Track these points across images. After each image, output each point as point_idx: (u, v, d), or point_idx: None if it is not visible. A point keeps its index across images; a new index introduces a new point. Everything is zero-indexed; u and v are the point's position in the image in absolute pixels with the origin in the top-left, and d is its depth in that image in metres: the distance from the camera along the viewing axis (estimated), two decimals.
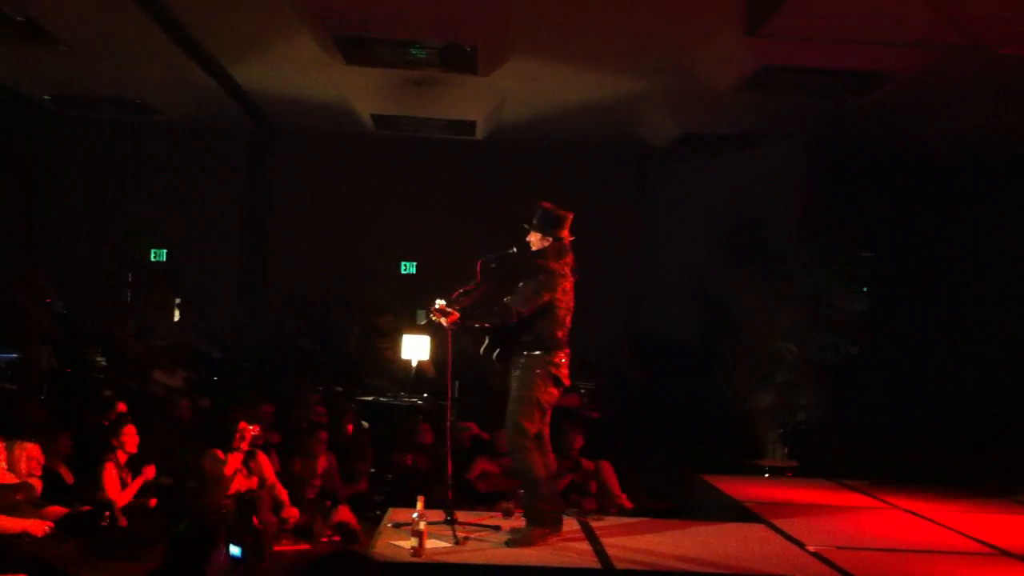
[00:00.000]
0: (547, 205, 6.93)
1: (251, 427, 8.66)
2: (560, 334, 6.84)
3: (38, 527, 7.02)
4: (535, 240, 6.91)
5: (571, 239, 6.94)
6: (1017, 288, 12.88)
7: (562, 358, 6.84)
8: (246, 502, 8.29)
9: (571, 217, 6.94)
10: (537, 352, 6.76)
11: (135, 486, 8.39)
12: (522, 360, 6.79)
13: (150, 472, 8.45)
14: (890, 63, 9.82)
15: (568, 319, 6.89)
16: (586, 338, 7.14)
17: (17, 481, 7.35)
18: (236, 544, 5.05)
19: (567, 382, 6.93)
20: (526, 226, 6.94)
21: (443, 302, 6.64)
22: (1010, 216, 13.09)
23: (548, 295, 6.71)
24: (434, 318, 6.69)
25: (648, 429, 11.98)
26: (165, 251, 15.13)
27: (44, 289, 11.89)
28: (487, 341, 6.88)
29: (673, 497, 10.36)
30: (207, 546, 4.86)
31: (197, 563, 4.85)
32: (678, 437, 11.66)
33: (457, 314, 6.63)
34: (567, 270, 6.87)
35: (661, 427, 11.96)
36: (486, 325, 6.70)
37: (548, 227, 6.88)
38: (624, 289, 15.05)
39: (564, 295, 6.83)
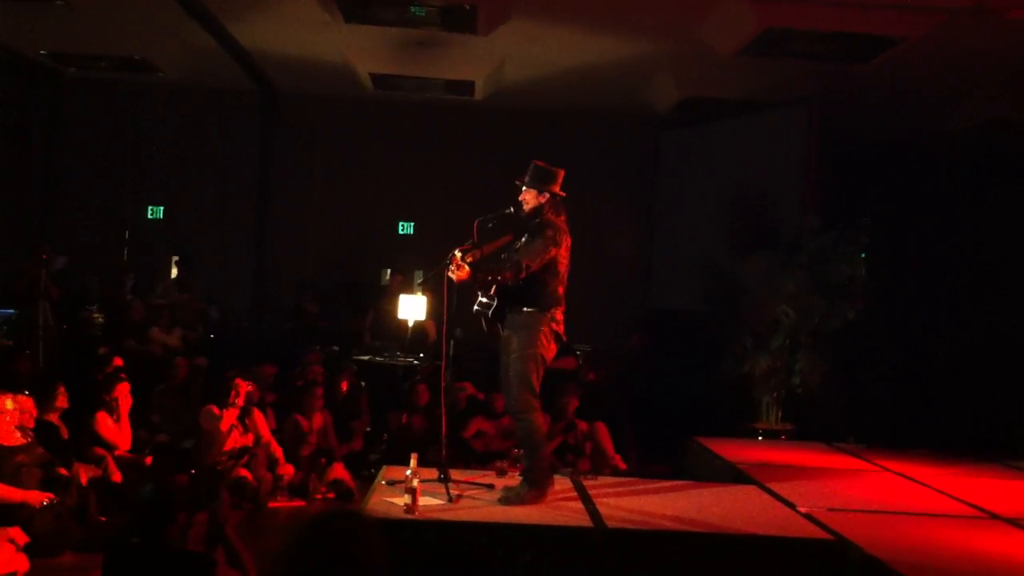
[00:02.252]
0: (539, 162, 6.90)
1: (246, 383, 8.68)
2: (561, 290, 6.84)
3: (36, 498, 7.04)
4: (530, 197, 6.86)
5: (563, 195, 6.91)
6: (1020, 257, 12.86)
7: (561, 315, 6.84)
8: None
9: (563, 173, 6.91)
10: (538, 309, 6.75)
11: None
12: (523, 317, 6.76)
13: None
14: (894, 27, 9.76)
15: (566, 276, 6.89)
16: (590, 304, 7.13)
17: (22, 442, 7.35)
18: None
19: (564, 338, 6.94)
20: (518, 183, 6.92)
21: (459, 254, 6.57)
22: (1017, 186, 13.04)
23: (555, 250, 6.70)
24: (451, 265, 6.58)
25: (649, 393, 12.00)
26: (162, 208, 15.10)
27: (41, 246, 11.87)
28: (482, 297, 6.85)
29: (671, 460, 10.41)
30: (170, 511, 4.90)
31: (160, 528, 4.90)
32: (678, 401, 11.69)
33: (468, 269, 6.55)
34: (565, 226, 6.86)
35: (662, 392, 11.99)
36: (498, 278, 6.60)
37: (542, 183, 6.85)
38: (628, 255, 15.04)
39: (567, 251, 6.83)
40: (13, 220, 14.46)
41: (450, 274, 6.59)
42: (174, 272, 14.00)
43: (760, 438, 10.75)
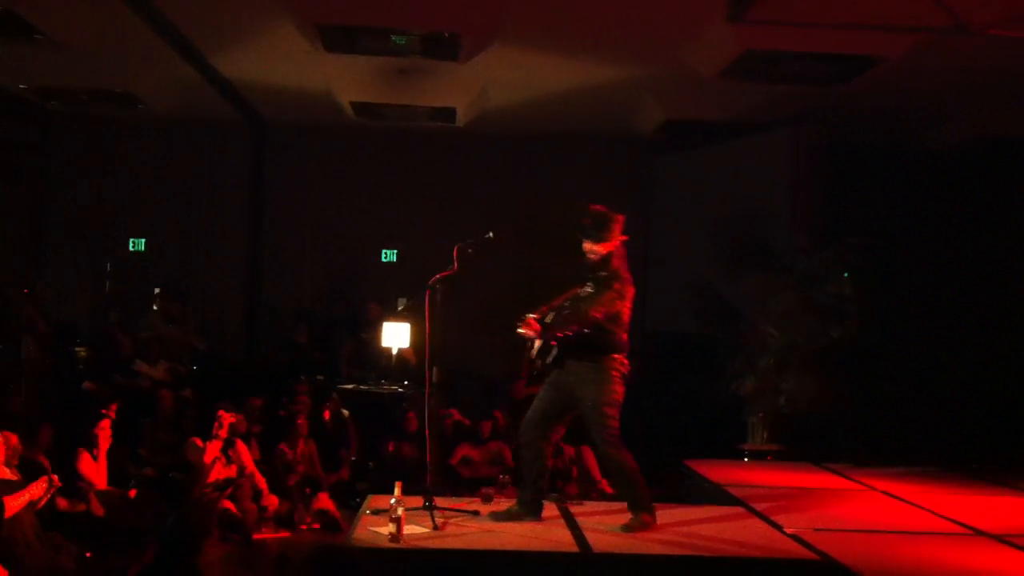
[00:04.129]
0: (598, 208, 6.97)
1: (229, 415, 8.65)
2: (625, 337, 6.99)
3: (39, 488, 6.99)
4: (597, 248, 6.91)
5: (627, 239, 6.99)
6: (1009, 273, 12.87)
7: (626, 359, 6.99)
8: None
9: (622, 218, 6.98)
10: (607, 357, 6.88)
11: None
12: (591, 367, 6.88)
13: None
14: (875, 47, 9.78)
15: (628, 323, 7.01)
16: None
17: (12, 477, 7.31)
18: None
19: (631, 380, 7.10)
20: (579, 235, 6.95)
21: (532, 315, 6.81)
22: (1003, 202, 13.08)
23: (620, 304, 6.85)
24: (522, 330, 6.78)
25: (647, 416, 11.98)
26: (144, 240, 15.05)
27: (27, 281, 11.84)
28: (536, 347, 6.95)
29: (666, 483, 10.39)
30: (197, 540, 4.86)
31: (187, 557, 4.85)
32: (675, 424, 11.67)
33: (539, 326, 6.78)
34: (628, 274, 6.97)
35: (660, 414, 11.96)
36: (568, 333, 6.77)
37: (605, 231, 6.91)
38: None
39: (631, 302, 6.99)
40: (2, 253, 14.42)
41: (519, 330, 6.78)
42: (155, 304, 13.88)
43: (746, 459, 10.72)
